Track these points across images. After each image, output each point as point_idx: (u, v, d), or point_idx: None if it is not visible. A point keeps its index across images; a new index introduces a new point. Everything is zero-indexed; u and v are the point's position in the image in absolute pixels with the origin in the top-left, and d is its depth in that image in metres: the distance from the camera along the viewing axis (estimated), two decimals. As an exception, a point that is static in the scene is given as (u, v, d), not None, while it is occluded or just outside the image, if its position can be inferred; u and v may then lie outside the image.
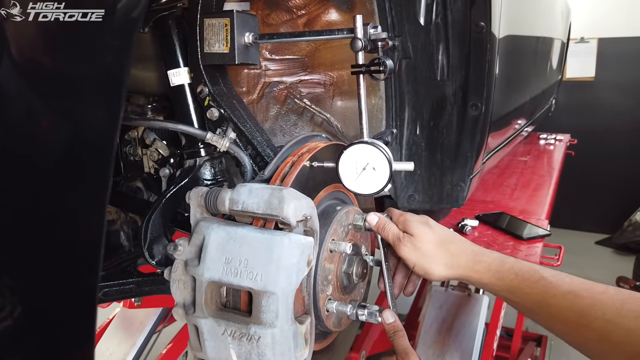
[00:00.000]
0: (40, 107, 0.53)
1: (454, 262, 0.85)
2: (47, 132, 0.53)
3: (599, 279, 0.77)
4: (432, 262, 0.85)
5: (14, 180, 0.52)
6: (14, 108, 0.52)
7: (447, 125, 1.21)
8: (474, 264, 0.84)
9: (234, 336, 0.73)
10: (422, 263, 0.86)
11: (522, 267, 0.81)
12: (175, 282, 0.79)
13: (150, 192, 1.26)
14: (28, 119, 0.53)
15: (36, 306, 0.51)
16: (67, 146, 0.53)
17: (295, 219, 0.75)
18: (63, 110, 0.54)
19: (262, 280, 0.71)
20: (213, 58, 0.95)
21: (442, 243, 0.87)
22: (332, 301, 0.87)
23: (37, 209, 0.52)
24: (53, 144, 0.53)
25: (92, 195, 0.53)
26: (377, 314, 0.89)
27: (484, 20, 1.09)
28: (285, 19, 1.20)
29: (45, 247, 0.52)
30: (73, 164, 0.54)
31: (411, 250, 0.86)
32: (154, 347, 1.92)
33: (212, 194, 0.80)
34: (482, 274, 0.83)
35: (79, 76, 0.55)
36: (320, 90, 1.31)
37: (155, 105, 1.13)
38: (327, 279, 0.87)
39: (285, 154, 0.90)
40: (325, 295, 0.86)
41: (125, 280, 1.05)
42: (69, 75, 0.55)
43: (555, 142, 3.54)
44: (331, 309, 0.87)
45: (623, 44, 4.59)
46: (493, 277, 0.82)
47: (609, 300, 0.71)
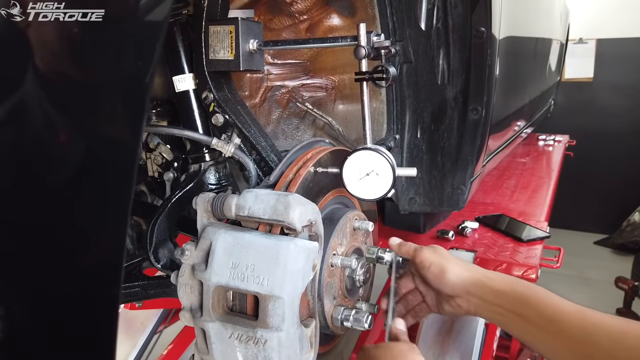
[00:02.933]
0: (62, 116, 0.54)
1: (470, 266, 0.91)
2: (65, 138, 0.54)
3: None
4: (449, 262, 0.90)
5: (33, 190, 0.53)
6: (38, 116, 0.53)
7: (448, 128, 1.23)
8: (487, 272, 0.89)
9: (240, 339, 0.75)
10: (440, 262, 0.90)
11: (531, 284, 0.85)
12: (182, 286, 0.81)
13: (154, 196, 1.27)
14: (48, 127, 0.53)
15: (60, 316, 0.52)
16: (86, 154, 0.54)
17: (300, 225, 0.76)
18: (85, 116, 0.55)
19: (269, 284, 0.73)
20: (218, 64, 0.96)
21: (458, 262, 0.92)
22: (337, 307, 0.89)
23: (60, 219, 0.53)
24: (70, 151, 0.54)
25: (115, 204, 0.54)
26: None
27: (485, 25, 1.10)
28: (287, 23, 1.21)
29: (70, 257, 0.53)
30: (93, 173, 0.55)
31: (431, 253, 0.92)
32: (155, 347, 1.93)
33: (219, 200, 0.81)
34: (495, 280, 0.86)
35: (103, 82, 0.56)
36: (322, 94, 1.32)
37: (159, 110, 1.14)
38: (332, 285, 0.88)
39: (290, 160, 0.91)
40: (330, 300, 0.87)
41: (130, 283, 1.06)
42: (95, 82, 0.56)
43: (554, 143, 3.56)
44: (336, 313, 0.88)
45: (621, 45, 4.61)
46: (505, 284, 0.85)
47: (615, 322, 0.73)
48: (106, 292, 0.52)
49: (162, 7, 0.56)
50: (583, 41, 4.72)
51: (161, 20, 0.56)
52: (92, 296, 0.53)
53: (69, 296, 0.53)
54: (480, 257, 1.54)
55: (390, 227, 1.75)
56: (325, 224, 0.86)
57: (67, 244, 0.54)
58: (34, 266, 0.52)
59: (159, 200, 1.26)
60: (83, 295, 0.53)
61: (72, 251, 0.54)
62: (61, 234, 0.54)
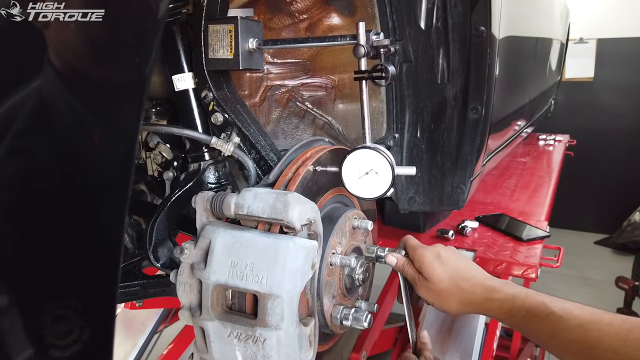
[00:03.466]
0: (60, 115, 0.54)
1: (467, 300, 0.88)
2: (63, 137, 0.54)
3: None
4: (446, 301, 0.90)
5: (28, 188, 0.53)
6: (36, 115, 0.53)
7: (448, 128, 1.23)
8: (486, 302, 0.87)
9: (239, 338, 0.75)
10: (437, 303, 0.91)
11: (533, 302, 0.83)
12: (181, 285, 0.81)
13: (154, 195, 1.27)
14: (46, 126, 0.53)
15: (56, 314, 0.52)
16: (84, 152, 0.54)
17: (299, 223, 0.76)
18: (84, 115, 0.55)
19: (268, 283, 0.73)
20: (217, 64, 0.96)
21: (454, 280, 0.90)
22: (337, 305, 0.89)
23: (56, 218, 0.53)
24: (68, 149, 0.54)
25: (112, 202, 0.54)
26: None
27: (484, 24, 1.10)
28: (287, 23, 1.21)
29: (67, 255, 0.53)
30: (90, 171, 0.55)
31: (427, 291, 0.91)
32: (155, 347, 1.93)
33: (218, 199, 0.81)
34: (495, 311, 0.86)
35: (102, 82, 0.56)
36: (322, 93, 1.32)
37: (159, 109, 1.14)
38: (331, 284, 0.88)
39: (289, 159, 0.91)
40: (329, 299, 0.87)
41: (130, 282, 1.06)
42: (100, 81, 0.56)
43: (554, 142, 3.56)
44: (335, 312, 0.88)
45: (622, 45, 4.61)
46: (505, 314, 0.85)
47: (614, 332, 0.73)
48: (103, 291, 0.52)
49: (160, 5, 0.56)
50: (584, 41, 4.72)
51: (159, 18, 0.56)
52: (89, 295, 0.53)
53: (65, 294, 0.53)
54: (480, 257, 1.54)
55: (390, 226, 1.75)
56: (325, 222, 0.86)
57: (64, 242, 0.54)
58: (29, 264, 0.52)
59: (158, 199, 1.26)
60: (80, 294, 0.53)
61: (69, 249, 0.54)
62: (57, 232, 0.54)
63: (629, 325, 0.73)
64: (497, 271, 1.49)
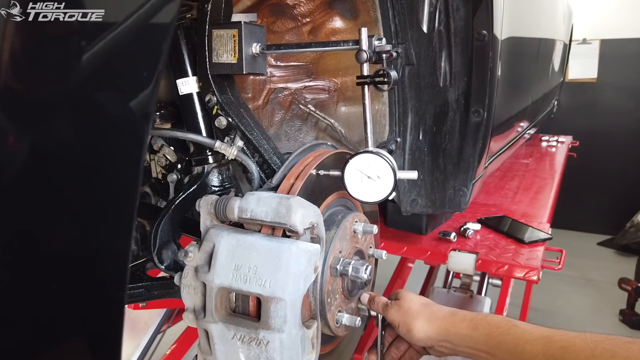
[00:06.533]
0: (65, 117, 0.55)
1: (433, 317, 0.89)
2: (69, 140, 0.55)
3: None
4: (414, 319, 0.90)
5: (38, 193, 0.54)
6: (42, 118, 0.53)
7: (450, 131, 1.23)
8: (450, 316, 0.89)
9: (243, 340, 0.76)
10: (405, 321, 0.90)
11: (495, 317, 0.85)
12: (185, 287, 0.82)
13: (158, 197, 1.28)
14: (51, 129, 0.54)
15: (66, 318, 0.53)
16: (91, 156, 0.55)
17: (302, 227, 0.77)
18: (90, 118, 0.55)
19: (271, 286, 0.74)
20: (221, 68, 0.97)
21: (425, 304, 0.92)
22: (340, 311, 0.90)
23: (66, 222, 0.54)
24: (75, 153, 0.54)
25: (121, 207, 0.54)
26: None
27: (486, 28, 1.11)
28: (290, 26, 1.22)
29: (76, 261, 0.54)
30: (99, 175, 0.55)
31: (396, 311, 0.92)
32: (159, 347, 1.94)
33: (222, 202, 0.82)
34: (458, 325, 0.86)
35: (105, 83, 0.56)
36: (325, 96, 1.33)
37: (163, 113, 1.15)
38: (333, 287, 0.89)
39: (292, 162, 0.92)
40: (331, 302, 0.88)
41: (134, 284, 1.07)
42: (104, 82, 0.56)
43: (557, 144, 3.55)
44: (338, 316, 0.89)
45: (625, 46, 4.59)
46: (468, 327, 0.85)
47: (582, 343, 0.71)
48: (112, 295, 0.53)
49: (169, 8, 0.57)
50: (587, 42, 4.71)
51: (168, 21, 0.57)
52: (98, 299, 0.53)
53: (76, 298, 0.54)
54: (482, 259, 1.54)
55: (393, 228, 1.75)
56: (327, 226, 0.87)
57: (74, 247, 0.55)
58: (40, 268, 0.53)
59: (162, 202, 1.27)
60: (89, 298, 0.54)
61: (79, 254, 0.55)
62: (68, 237, 0.55)
63: (599, 338, 0.71)
64: (499, 273, 1.49)
